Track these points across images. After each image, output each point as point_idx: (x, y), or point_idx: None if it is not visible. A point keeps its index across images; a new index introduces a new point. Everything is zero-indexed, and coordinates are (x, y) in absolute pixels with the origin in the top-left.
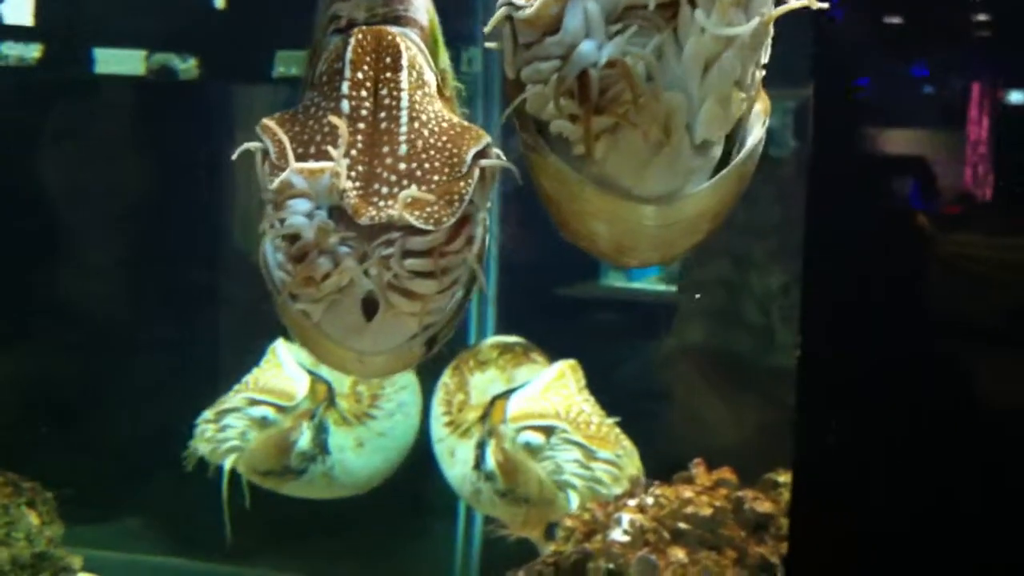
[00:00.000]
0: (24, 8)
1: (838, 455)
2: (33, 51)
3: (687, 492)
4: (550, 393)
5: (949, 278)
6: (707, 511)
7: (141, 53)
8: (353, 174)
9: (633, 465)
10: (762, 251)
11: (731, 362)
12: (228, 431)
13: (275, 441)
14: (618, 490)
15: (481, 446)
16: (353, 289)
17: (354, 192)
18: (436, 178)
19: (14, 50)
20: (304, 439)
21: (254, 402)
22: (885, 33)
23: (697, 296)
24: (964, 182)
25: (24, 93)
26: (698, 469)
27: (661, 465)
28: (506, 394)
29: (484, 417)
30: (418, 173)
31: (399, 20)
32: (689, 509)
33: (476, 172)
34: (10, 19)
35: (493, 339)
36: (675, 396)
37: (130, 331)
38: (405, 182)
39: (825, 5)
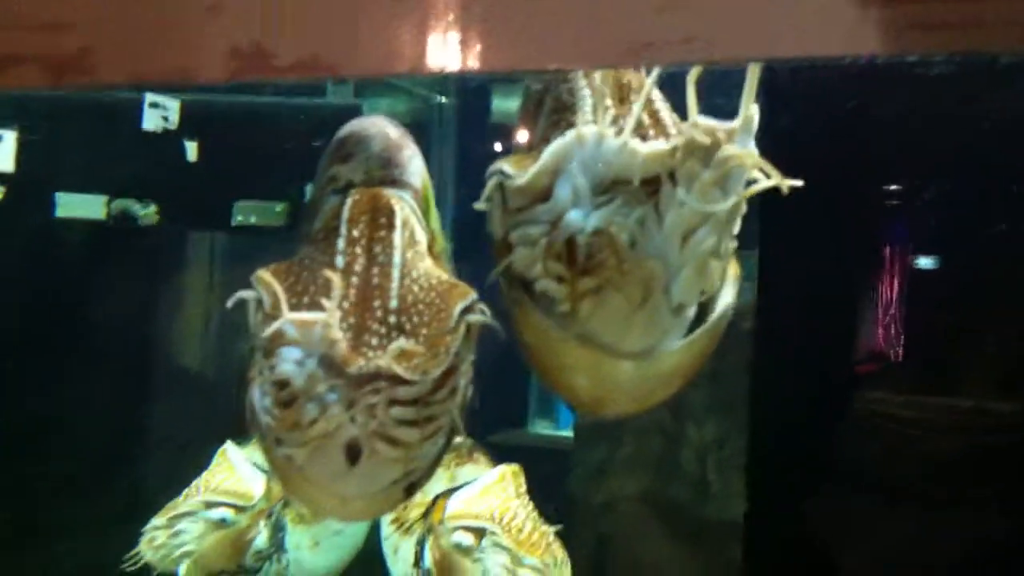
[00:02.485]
0: (1, 153)
1: None
2: None
3: None
4: (488, 495)
5: (872, 434)
6: None
7: (102, 198)
8: (344, 325)
9: (564, 572)
10: (699, 401)
11: (668, 511)
12: (182, 536)
13: (231, 540)
14: None
15: (421, 543)
16: (338, 435)
17: (344, 342)
18: (424, 331)
19: None
20: (261, 538)
21: (211, 504)
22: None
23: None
24: (878, 342)
25: None
26: None
27: None
28: (448, 493)
29: (426, 515)
30: (407, 326)
31: (395, 183)
32: None
33: (463, 326)
34: None
35: None
36: (612, 542)
37: (70, 467)
38: (394, 334)
39: (799, 183)
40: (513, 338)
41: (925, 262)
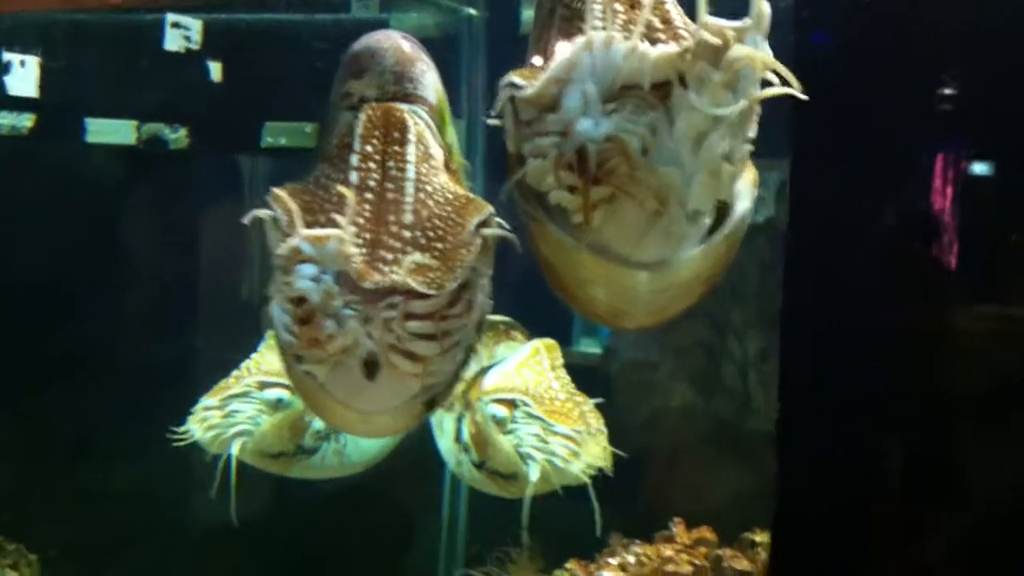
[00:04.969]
0: (24, 79)
1: (815, 517)
2: (26, 120)
3: (667, 551)
4: (524, 369)
5: (923, 346)
6: (687, 569)
7: (132, 123)
8: (359, 241)
9: (596, 444)
10: (741, 317)
11: (710, 425)
12: (237, 416)
13: (290, 422)
14: (576, 467)
15: (459, 419)
16: (356, 350)
17: (359, 258)
18: (439, 245)
19: (7, 119)
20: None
21: (266, 385)
22: (856, 106)
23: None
24: (934, 252)
25: (17, 161)
26: (678, 528)
27: (642, 524)
28: (485, 370)
29: (464, 391)
30: (422, 241)
31: (408, 98)
32: (669, 567)
33: (478, 240)
34: (11, 90)
35: None
36: (655, 457)
37: (113, 393)
38: (409, 249)
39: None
40: (530, 253)
41: (976, 168)
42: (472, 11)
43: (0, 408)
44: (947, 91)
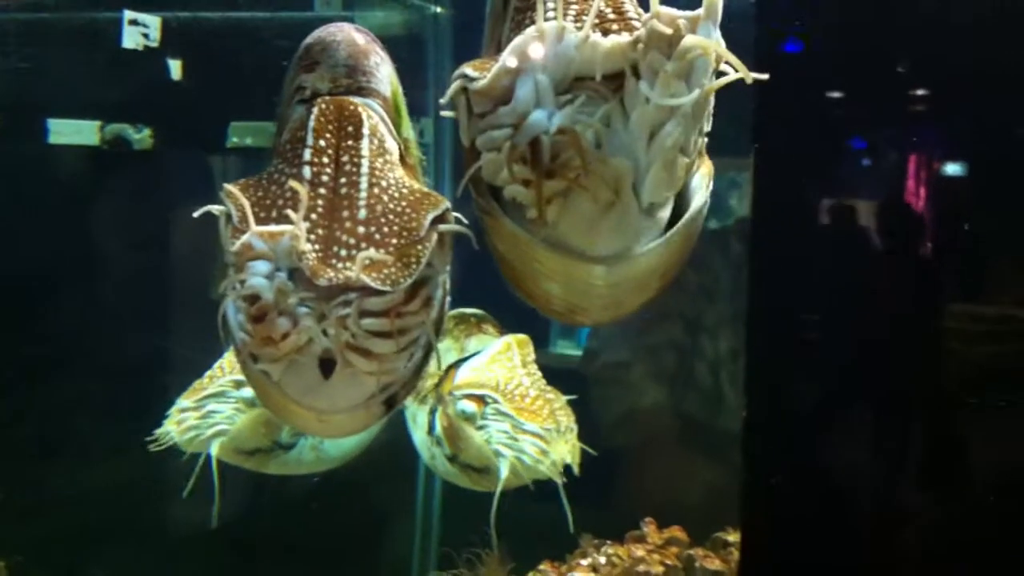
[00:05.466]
0: None
1: (784, 515)
2: None
3: (639, 551)
4: (495, 365)
5: (888, 342)
6: (659, 569)
7: (95, 123)
8: (312, 237)
9: (564, 441)
10: (713, 316)
11: (683, 424)
12: (214, 416)
13: (266, 418)
14: (544, 465)
15: (432, 412)
16: (311, 348)
17: (313, 254)
18: (394, 241)
19: None
20: None
21: (241, 384)
22: (825, 104)
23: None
24: (895, 252)
25: None
26: (649, 528)
27: (613, 524)
28: (458, 363)
29: (438, 385)
30: (376, 236)
31: (361, 91)
32: (641, 568)
33: (434, 236)
34: None
35: (455, 310)
36: (627, 456)
37: (81, 394)
38: (364, 245)
39: (764, 76)
40: (486, 248)
41: (948, 168)
42: (438, 9)
43: None
44: (913, 88)
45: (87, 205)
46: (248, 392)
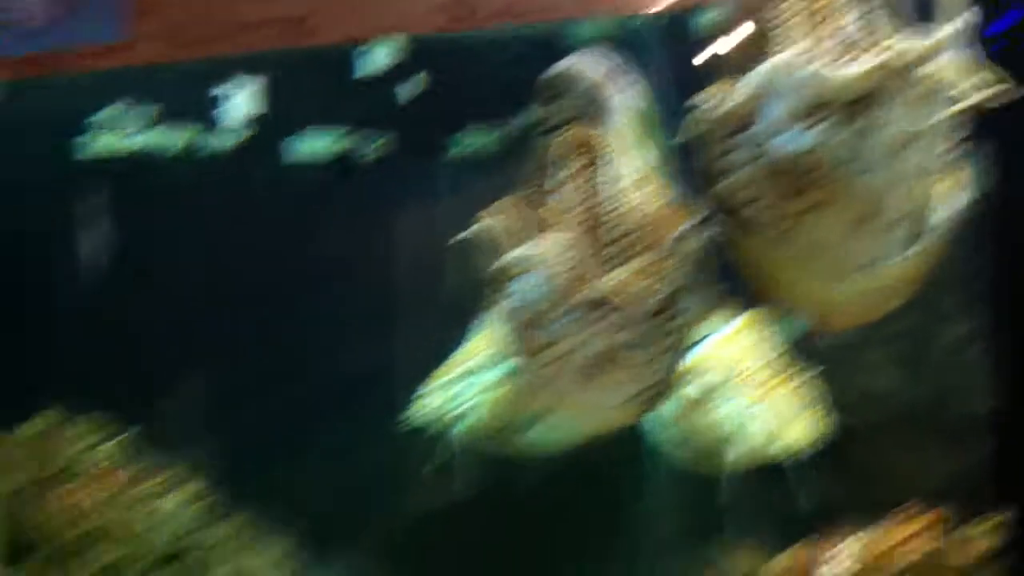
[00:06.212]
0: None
1: None
2: (228, 142)
3: (895, 536)
4: (731, 344)
5: None
6: (916, 556)
7: (329, 138)
8: (564, 257)
9: (802, 422)
10: (949, 302)
11: (920, 408)
12: (459, 398)
13: (510, 398)
14: (778, 447)
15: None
16: (573, 356)
17: (565, 274)
18: (641, 259)
19: (213, 141)
20: None
21: (481, 368)
22: None
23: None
24: None
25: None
26: (905, 513)
27: (861, 506)
28: (692, 344)
29: None
30: (625, 255)
31: (601, 119)
32: (899, 552)
33: (682, 250)
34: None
35: None
36: (868, 438)
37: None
38: (612, 263)
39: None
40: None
41: None
42: (647, 17)
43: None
44: None
45: (329, 217)
46: (492, 375)
